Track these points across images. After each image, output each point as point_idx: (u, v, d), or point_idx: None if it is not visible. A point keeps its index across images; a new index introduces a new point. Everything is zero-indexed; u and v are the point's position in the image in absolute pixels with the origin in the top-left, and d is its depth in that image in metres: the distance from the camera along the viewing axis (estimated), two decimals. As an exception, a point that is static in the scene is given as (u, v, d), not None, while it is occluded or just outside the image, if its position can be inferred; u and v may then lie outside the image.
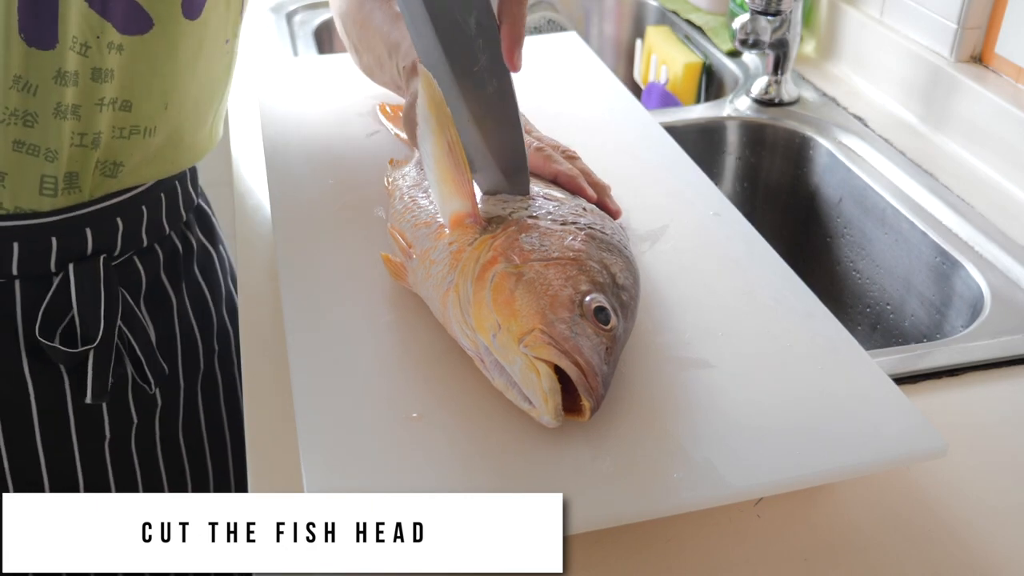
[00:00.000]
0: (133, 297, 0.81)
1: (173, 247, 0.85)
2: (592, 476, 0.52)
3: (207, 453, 0.90)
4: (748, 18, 1.08)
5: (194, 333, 0.87)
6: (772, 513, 0.57)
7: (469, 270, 0.58)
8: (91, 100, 0.70)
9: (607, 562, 0.54)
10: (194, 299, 0.88)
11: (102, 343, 0.76)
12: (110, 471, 0.82)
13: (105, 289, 0.76)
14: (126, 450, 0.83)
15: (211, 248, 0.92)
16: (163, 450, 0.85)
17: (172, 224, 0.84)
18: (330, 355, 0.61)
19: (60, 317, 0.76)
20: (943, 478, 0.60)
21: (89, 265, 0.76)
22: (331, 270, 0.68)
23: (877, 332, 1.00)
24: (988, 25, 1.00)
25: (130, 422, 0.82)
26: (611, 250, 0.60)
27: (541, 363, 0.52)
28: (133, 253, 0.81)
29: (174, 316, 0.85)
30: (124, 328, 0.79)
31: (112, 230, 0.77)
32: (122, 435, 0.82)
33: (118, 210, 0.77)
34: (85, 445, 0.80)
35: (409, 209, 0.68)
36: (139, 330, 0.81)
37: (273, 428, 0.62)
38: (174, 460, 0.87)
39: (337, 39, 1.39)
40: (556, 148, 0.74)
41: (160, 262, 0.84)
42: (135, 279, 0.81)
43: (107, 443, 0.81)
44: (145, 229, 0.80)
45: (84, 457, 0.81)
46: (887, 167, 0.99)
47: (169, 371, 0.85)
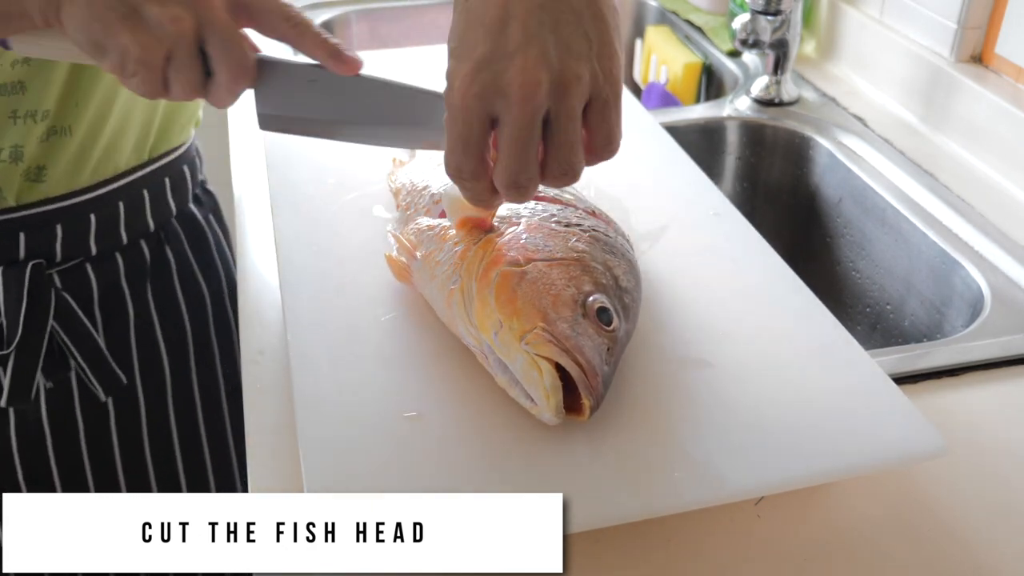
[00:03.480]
0: (83, 304, 0.80)
1: (138, 256, 0.84)
2: (592, 476, 0.52)
3: (178, 467, 0.89)
4: (748, 18, 1.08)
5: (158, 344, 0.86)
6: (772, 513, 0.57)
7: (473, 269, 0.58)
8: (2, 114, 0.70)
9: (607, 562, 0.54)
10: (164, 311, 0.86)
11: (22, 347, 0.75)
12: (56, 478, 0.81)
13: (31, 294, 0.75)
14: (75, 457, 0.82)
15: (198, 260, 0.90)
16: (122, 458, 0.84)
17: (136, 233, 0.83)
18: (330, 355, 0.61)
19: None
20: (943, 478, 0.60)
21: (18, 269, 0.75)
22: (331, 270, 0.68)
23: (877, 332, 1.00)
24: (988, 25, 1.00)
25: (76, 429, 0.81)
26: (614, 252, 0.60)
27: (543, 360, 0.52)
28: (83, 260, 0.80)
29: (130, 326, 0.84)
30: (62, 334, 0.79)
31: (49, 237, 0.77)
32: (68, 442, 0.81)
33: (56, 217, 0.76)
34: (25, 449, 0.80)
35: (414, 209, 0.68)
36: (83, 337, 0.80)
37: (273, 429, 0.62)
38: (137, 471, 0.86)
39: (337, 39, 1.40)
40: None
41: (120, 270, 0.82)
42: (85, 286, 0.80)
43: (50, 449, 0.80)
44: (95, 237, 0.79)
45: (25, 461, 0.80)
46: (887, 167, 0.99)
47: (127, 380, 0.84)
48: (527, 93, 0.47)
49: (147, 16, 0.51)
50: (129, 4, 0.52)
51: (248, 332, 0.71)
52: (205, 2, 0.52)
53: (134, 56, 0.52)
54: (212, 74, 0.54)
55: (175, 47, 0.52)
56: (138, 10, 0.52)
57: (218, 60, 0.53)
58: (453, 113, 0.49)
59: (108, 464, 0.84)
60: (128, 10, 0.51)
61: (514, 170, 0.49)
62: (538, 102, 0.47)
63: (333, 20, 1.38)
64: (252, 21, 0.56)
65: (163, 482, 0.87)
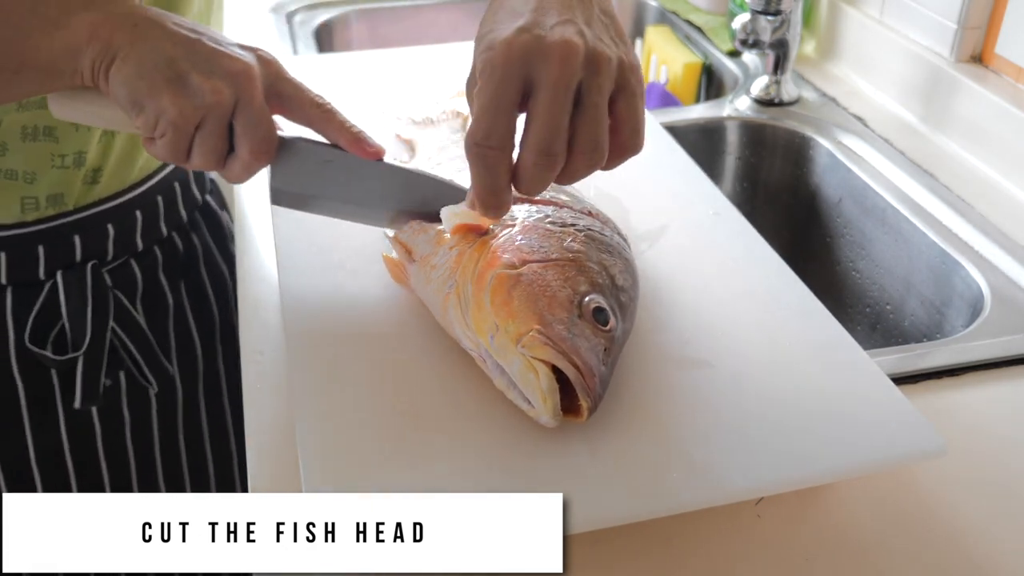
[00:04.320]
0: (130, 299, 0.81)
1: (173, 248, 0.85)
2: (592, 476, 0.52)
3: (207, 454, 0.90)
4: (748, 18, 1.08)
5: (192, 334, 0.87)
6: (772, 513, 0.57)
7: (469, 272, 0.58)
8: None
9: (607, 562, 0.54)
10: (195, 300, 0.88)
11: (91, 348, 0.76)
12: (104, 472, 0.82)
13: (93, 295, 0.76)
14: (121, 450, 0.83)
15: (218, 248, 0.92)
16: (161, 450, 0.86)
17: (171, 226, 0.84)
18: (329, 355, 0.61)
19: (51, 324, 0.76)
20: (943, 478, 0.60)
21: (78, 272, 0.76)
22: (331, 270, 0.68)
23: (877, 332, 1.00)
24: (988, 25, 1.00)
25: (122, 423, 0.82)
26: (610, 252, 0.60)
27: (539, 363, 0.52)
28: (129, 256, 0.81)
29: (170, 317, 0.85)
30: (119, 331, 0.79)
31: (102, 236, 0.77)
32: (115, 436, 0.82)
33: (108, 217, 0.77)
34: (76, 446, 0.80)
35: None
36: (136, 332, 0.81)
37: (273, 428, 0.62)
38: (172, 460, 0.87)
39: (337, 39, 1.40)
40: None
41: (159, 264, 0.84)
42: (131, 282, 0.81)
43: (99, 443, 0.81)
44: (140, 233, 0.80)
45: (76, 457, 0.81)
46: (887, 167, 0.99)
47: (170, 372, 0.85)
48: (567, 53, 0.49)
49: (191, 84, 0.54)
50: (176, 69, 0.54)
51: (248, 332, 0.71)
52: (247, 82, 0.55)
53: (169, 118, 0.54)
54: (234, 150, 0.57)
55: (208, 117, 0.55)
56: (184, 77, 0.54)
57: (243, 137, 0.56)
58: (491, 73, 0.51)
59: (148, 455, 0.85)
60: (174, 75, 0.54)
61: (547, 137, 0.50)
62: (575, 66, 0.50)
63: (333, 20, 1.38)
64: (283, 108, 0.60)
65: (192, 468, 0.89)
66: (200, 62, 0.55)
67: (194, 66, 0.54)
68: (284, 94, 0.59)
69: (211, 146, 0.56)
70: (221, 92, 0.54)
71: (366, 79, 0.89)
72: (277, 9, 1.37)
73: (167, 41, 0.55)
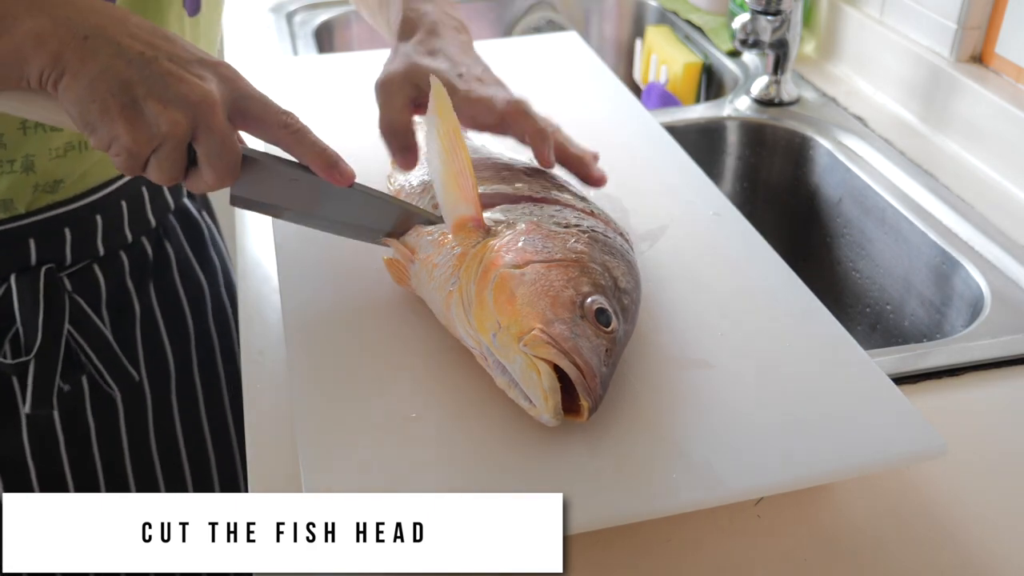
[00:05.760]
0: (92, 304, 0.80)
1: (141, 254, 0.84)
2: (592, 476, 0.52)
3: (184, 462, 0.89)
4: (748, 18, 1.08)
5: (162, 341, 0.86)
6: (772, 513, 0.57)
7: (472, 271, 0.58)
8: (11, 127, 0.69)
9: (607, 562, 0.54)
10: (166, 307, 0.87)
11: (43, 352, 0.75)
12: (69, 479, 0.81)
13: (47, 298, 0.75)
14: (87, 457, 0.82)
15: (195, 254, 0.90)
16: (131, 458, 0.84)
17: (138, 231, 0.82)
18: (329, 355, 0.61)
19: (7, 328, 0.75)
20: (943, 478, 0.60)
21: (32, 275, 0.75)
22: (331, 270, 0.68)
23: (877, 332, 1.00)
24: (988, 25, 1.00)
25: (87, 430, 0.81)
26: (613, 253, 0.60)
27: (541, 362, 0.52)
28: (92, 261, 0.80)
29: (136, 324, 0.84)
30: (77, 336, 0.78)
31: (59, 241, 0.76)
32: (80, 443, 0.81)
33: (64, 221, 0.76)
34: (38, 452, 0.79)
35: None
36: (97, 337, 0.79)
37: (273, 428, 0.63)
38: (145, 467, 0.86)
39: (337, 39, 1.40)
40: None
41: (125, 269, 0.82)
42: (94, 287, 0.80)
43: (63, 450, 0.80)
44: (101, 238, 0.79)
45: (38, 463, 0.80)
46: (887, 167, 0.99)
47: (136, 378, 0.84)
48: None
49: (146, 112, 0.52)
50: (131, 94, 0.52)
51: (248, 332, 0.71)
52: (207, 109, 0.53)
53: (123, 144, 0.53)
54: (196, 166, 0.56)
55: (164, 144, 0.53)
56: (138, 103, 0.52)
57: (206, 160, 0.55)
58: None
59: (118, 463, 0.84)
60: (129, 100, 0.52)
61: None
62: None
63: (333, 20, 1.38)
64: (248, 125, 0.58)
65: (169, 478, 0.88)
66: (156, 87, 0.52)
67: (150, 91, 0.52)
68: (249, 112, 0.57)
69: (167, 168, 0.55)
70: (179, 123, 0.52)
71: (366, 79, 0.89)
72: (277, 9, 1.37)
73: (120, 60, 0.52)
